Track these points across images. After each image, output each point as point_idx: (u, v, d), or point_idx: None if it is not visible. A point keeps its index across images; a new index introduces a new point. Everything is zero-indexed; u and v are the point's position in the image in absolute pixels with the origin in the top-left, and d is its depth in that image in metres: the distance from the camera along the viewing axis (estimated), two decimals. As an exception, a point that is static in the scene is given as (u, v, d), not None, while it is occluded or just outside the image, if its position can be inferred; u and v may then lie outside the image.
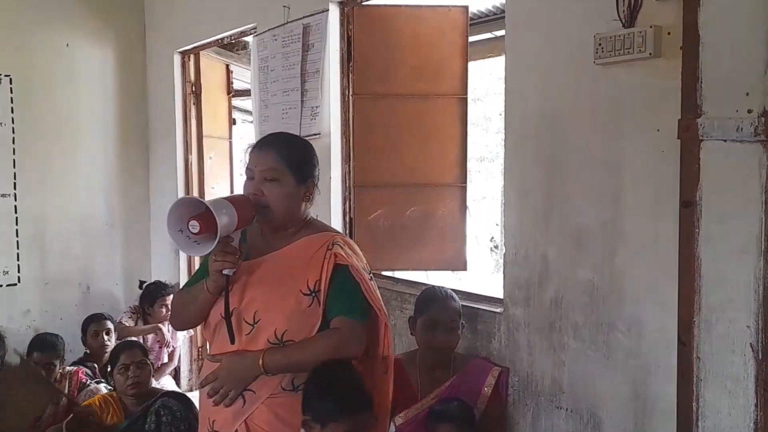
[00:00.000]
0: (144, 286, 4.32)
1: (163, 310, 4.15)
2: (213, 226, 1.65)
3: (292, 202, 1.84)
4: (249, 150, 1.87)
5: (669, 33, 1.94)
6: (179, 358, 4.40)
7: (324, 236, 1.88)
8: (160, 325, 4.13)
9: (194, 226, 1.65)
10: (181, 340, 4.34)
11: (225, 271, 1.74)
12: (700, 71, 1.85)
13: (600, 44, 2.08)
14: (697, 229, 1.88)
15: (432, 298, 2.52)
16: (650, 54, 1.96)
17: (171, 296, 4.07)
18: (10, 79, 4.34)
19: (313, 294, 1.81)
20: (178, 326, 2.10)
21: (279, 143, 1.86)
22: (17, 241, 4.42)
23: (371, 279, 1.90)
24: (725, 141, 1.80)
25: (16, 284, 4.43)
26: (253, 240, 1.88)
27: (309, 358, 1.79)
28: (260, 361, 1.76)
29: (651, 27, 1.95)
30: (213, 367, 1.83)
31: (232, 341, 1.79)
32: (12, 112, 4.35)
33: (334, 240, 1.86)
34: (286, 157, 1.82)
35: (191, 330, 4.25)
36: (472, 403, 2.43)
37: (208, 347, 4.17)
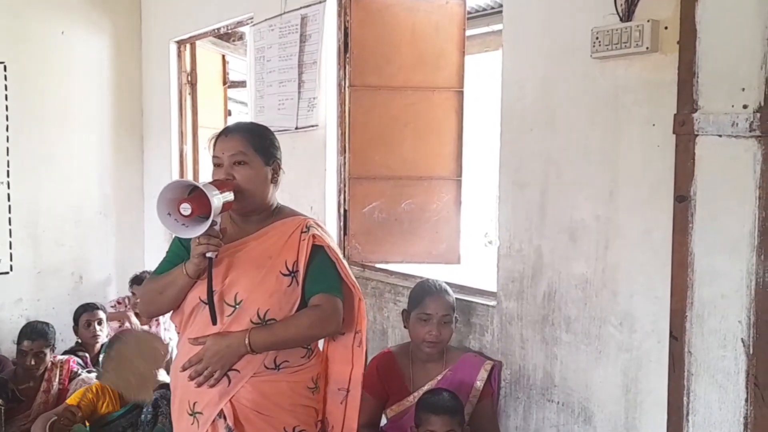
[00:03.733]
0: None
1: None
2: (203, 209, 1.69)
3: (262, 184, 1.90)
4: (213, 140, 1.94)
5: (666, 27, 1.94)
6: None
7: (296, 220, 1.95)
8: (128, 312, 4.08)
9: (186, 208, 1.68)
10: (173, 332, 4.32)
11: (208, 254, 1.78)
12: (696, 66, 1.86)
13: (597, 38, 2.08)
14: (691, 223, 1.88)
15: (426, 291, 2.52)
16: (647, 48, 1.96)
17: None
18: (5, 67, 4.31)
19: (292, 274, 1.88)
20: (149, 313, 2.14)
21: (242, 129, 1.94)
22: (10, 230, 4.40)
23: (343, 258, 1.99)
24: (720, 136, 1.81)
25: (8, 272, 4.41)
26: (225, 226, 1.92)
27: (294, 335, 1.86)
28: (246, 339, 1.81)
29: (648, 21, 1.95)
30: (191, 351, 1.86)
31: (214, 322, 1.83)
32: (6, 99, 4.32)
33: (308, 223, 1.93)
34: (251, 140, 1.89)
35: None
36: (465, 396, 2.43)
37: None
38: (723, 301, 1.83)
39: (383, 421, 2.57)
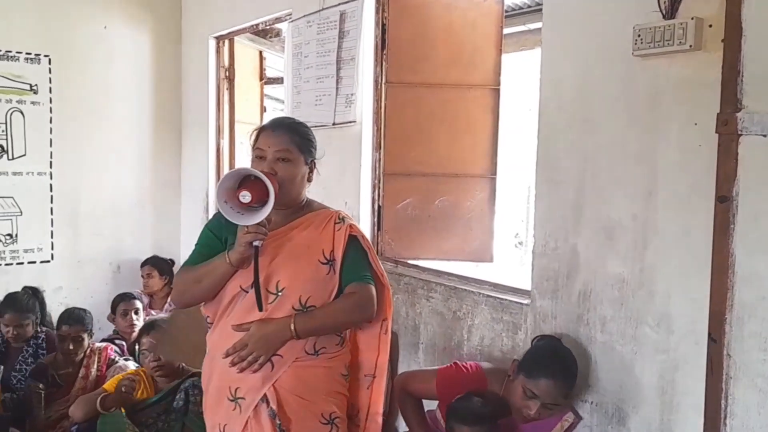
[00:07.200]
0: None
1: None
2: (261, 197, 1.76)
3: (300, 182, 1.98)
4: (257, 132, 1.99)
5: (710, 25, 1.92)
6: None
7: (328, 212, 2.03)
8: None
9: (245, 196, 1.75)
10: None
11: (255, 243, 1.83)
12: (741, 65, 1.83)
13: (639, 35, 2.06)
14: (732, 224, 1.86)
15: (546, 370, 2.17)
16: (690, 46, 1.93)
17: None
18: (49, 59, 4.42)
19: (330, 263, 1.96)
20: (183, 303, 2.07)
21: (289, 127, 1.99)
22: (51, 219, 4.52)
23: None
24: (765, 136, 1.78)
25: (49, 261, 4.53)
26: (271, 217, 1.95)
27: (335, 320, 1.95)
28: (292, 325, 1.87)
29: (692, 19, 1.92)
30: (231, 337, 1.91)
31: (261, 308, 1.88)
32: (50, 92, 4.43)
33: (340, 214, 2.02)
34: (296, 139, 1.95)
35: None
36: None
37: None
38: (764, 303, 1.80)
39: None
